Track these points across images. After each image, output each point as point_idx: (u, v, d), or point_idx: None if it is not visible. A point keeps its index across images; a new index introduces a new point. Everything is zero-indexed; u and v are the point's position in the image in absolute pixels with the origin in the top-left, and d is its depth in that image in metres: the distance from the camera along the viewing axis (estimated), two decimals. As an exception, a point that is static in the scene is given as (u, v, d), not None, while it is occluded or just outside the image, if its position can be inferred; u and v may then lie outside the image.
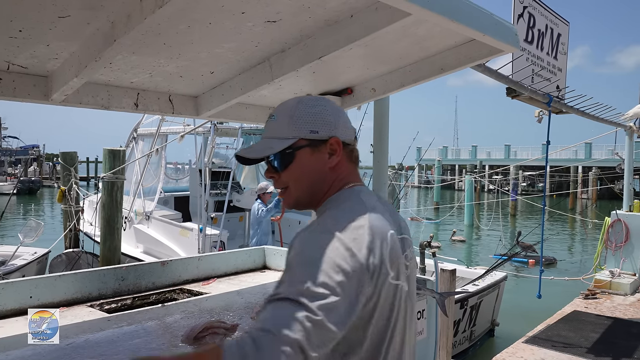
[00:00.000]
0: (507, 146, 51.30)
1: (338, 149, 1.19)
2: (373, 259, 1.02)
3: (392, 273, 1.07)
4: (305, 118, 1.19)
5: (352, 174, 1.24)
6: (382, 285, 1.04)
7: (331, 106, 1.24)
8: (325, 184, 1.21)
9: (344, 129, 1.23)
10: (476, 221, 21.46)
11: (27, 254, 7.59)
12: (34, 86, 2.17)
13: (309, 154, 1.19)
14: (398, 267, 1.11)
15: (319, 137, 1.18)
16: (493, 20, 1.98)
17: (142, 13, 1.51)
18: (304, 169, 1.19)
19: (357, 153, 1.28)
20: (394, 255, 1.09)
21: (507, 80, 4.35)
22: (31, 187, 38.43)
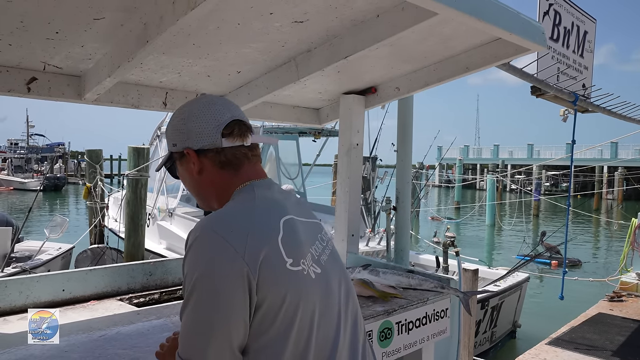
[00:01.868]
0: (530, 145, 50.51)
1: (194, 158, 1.17)
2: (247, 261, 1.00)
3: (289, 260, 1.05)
4: (169, 131, 1.22)
5: (233, 178, 1.18)
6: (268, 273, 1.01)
7: (188, 111, 1.20)
8: (206, 191, 1.22)
9: (197, 135, 1.16)
10: (498, 221, 21.20)
11: (52, 249, 7.79)
12: (68, 86, 2.24)
13: (180, 166, 1.22)
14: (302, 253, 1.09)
15: (177, 149, 1.20)
16: (520, 19, 1.97)
17: (175, 14, 1.55)
18: (184, 180, 1.24)
19: (229, 156, 1.17)
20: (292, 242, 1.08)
21: (532, 79, 4.30)
22: (57, 184, 39.29)
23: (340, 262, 1.25)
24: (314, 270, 1.09)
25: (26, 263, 6.71)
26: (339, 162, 3.09)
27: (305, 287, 1.06)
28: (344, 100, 3.01)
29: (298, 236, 1.10)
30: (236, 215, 1.07)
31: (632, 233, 7.99)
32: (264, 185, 1.18)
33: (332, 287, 1.15)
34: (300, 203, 1.25)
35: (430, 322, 2.41)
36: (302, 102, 3.21)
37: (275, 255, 1.02)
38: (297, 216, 1.15)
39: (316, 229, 1.21)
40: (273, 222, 1.07)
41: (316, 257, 1.12)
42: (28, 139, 57.24)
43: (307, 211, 1.23)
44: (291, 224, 1.10)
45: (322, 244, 1.19)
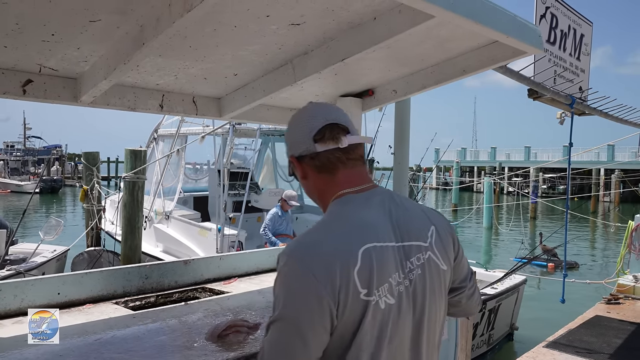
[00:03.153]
0: (527, 148, 50.62)
1: (296, 165, 1.24)
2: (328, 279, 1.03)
3: (363, 290, 1.05)
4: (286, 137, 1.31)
5: (331, 183, 1.21)
6: (345, 304, 1.04)
7: (290, 122, 1.28)
8: (315, 195, 1.28)
9: (294, 143, 1.24)
10: (495, 224, 21.23)
11: (47, 251, 7.76)
12: (64, 88, 2.22)
13: (294, 172, 1.28)
14: (378, 283, 1.08)
15: (288, 157, 1.28)
16: (517, 22, 1.97)
17: (171, 17, 1.54)
18: (300, 182, 1.30)
19: (323, 160, 1.20)
20: (366, 273, 1.06)
21: (529, 81, 4.31)
22: (53, 186, 39.19)
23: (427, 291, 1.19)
24: (385, 301, 1.09)
25: (20, 265, 6.68)
26: (336, 164, 3.08)
27: (372, 315, 1.07)
28: (340, 102, 3.00)
29: (376, 266, 1.08)
30: (322, 242, 1.09)
31: (628, 235, 8.01)
32: (358, 201, 1.18)
33: (403, 319, 1.13)
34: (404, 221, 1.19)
35: (428, 325, 2.40)
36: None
37: (350, 285, 1.04)
38: (386, 241, 1.13)
39: (406, 253, 1.16)
40: (353, 251, 1.07)
41: (393, 287, 1.11)
42: (25, 141, 57.08)
43: (410, 230, 1.19)
44: (371, 253, 1.08)
45: (405, 271, 1.14)
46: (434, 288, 1.20)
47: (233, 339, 1.85)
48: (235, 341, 1.84)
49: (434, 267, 1.21)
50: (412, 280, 1.15)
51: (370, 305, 1.06)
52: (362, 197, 1.19)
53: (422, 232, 1.21)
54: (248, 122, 7.40)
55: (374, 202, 1.19)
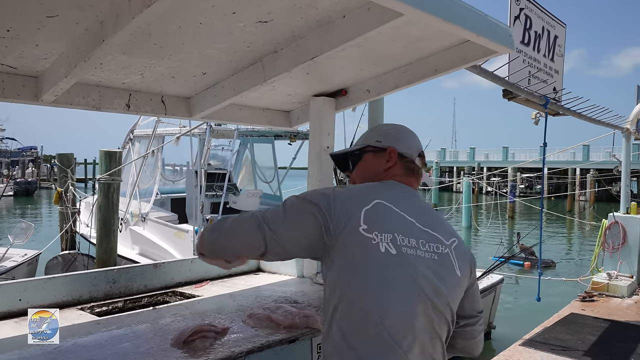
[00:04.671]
0: (505, 148, 51.29)
1: (393, 156, 1.45)
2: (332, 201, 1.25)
3: (364, 225, 1.23)
4: (376, 132, 1.54)
5: (402, 177, 1.45)
6: (344, 226, 1.22)
7: (399, 129, 1.54)
8: (376, 180, 1.46)
9: (405, 145, 1.48)
10: (474, 223, 21.45)
11: (17, 255, 7.55)
12: (24, 87, 2.15)
13: (372, 156, 1.49)
14: (382, 228, 1.24)
15: (381, 145, 1.48)
16: (487, 21, 1.96)
17: (131, 12, 1.49)
18: (366, 167, 1.50)
19: (415, 167, 1.48)
20: (374, 216, 1.25)
21: (504, 82, 4.33)
22: (28, 189, 38.31)
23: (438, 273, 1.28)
24: (386, 247, 1.22)
25: (-11, 270, 6.49)
26: (310, 165, 3.05)
27: (367, 252, 1.21)
28: (314, 102, 2.97)
29: (383, 217, 1.27)
30: (351, 186, 1.41)
31: (602, 234, 8.15)
32: (398, 186, 1.41)
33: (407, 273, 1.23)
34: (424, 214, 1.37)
35: (401, 326, 2.38)
36: (272, 104, 3.17)
37: (354, 217, 1.23)
38: (401, 210, 1.31)
39: (423, 235, 1.31)
40: (369, 199, 1.28)
41: (398, 242, 1.24)
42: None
43: (426, 220, 1.35)
44: (384, 208, 1.29)
45: (420, 246, 1.28)
46: (446, 282, 1.29)
47: (199, 345, 1.80)
48: (201, 347, 1.79)
49: (449, 265, 1.31)
50: (427, 258, 1.27)
51: (369, 243, 1.21)
52: (406, 188, 1.43)
53: (445, 234, 1.36)
54: (222, 123, 7.31)
55: (414, 194, 1.45)
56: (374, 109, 3.08)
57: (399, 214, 1.31)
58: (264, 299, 2.56)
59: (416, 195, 1.47)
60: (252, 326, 2.06)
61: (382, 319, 1.18)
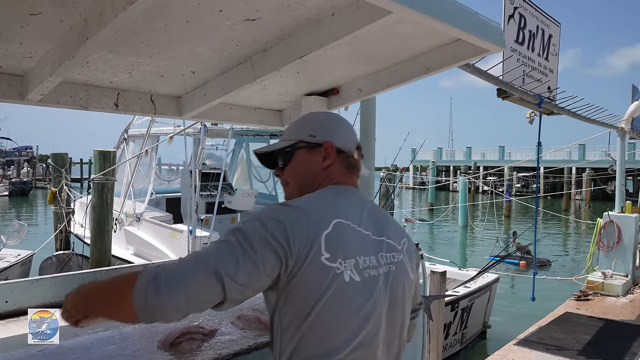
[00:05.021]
0: (502, 147, 51.46)
1: (331, 152, 1.32)
2: (290, 232, 1.10)
3: (326, 254, 1.11)
4: (309, 124, 1.39)
5: (344, 176, 1.34)
6: (305, 258, 1.09)
7: (336, 118, 1.42)
8: (316, 182, 1.33)
9: (343, 138, 1.36)
10: (470, 222, 21.49)
11: (11, 255, 7.51)
12: (9, 86, 2.11)
13: (305, 153, 1.35)
14: (345, 254, 1.14)
15: (316, 140, 1.34)
16: (478, 20, 1.94)
17: (114, 10, 1.46)
18: (300, 166, 1.36)
19: (355, 162, 1.37)
20: (336, 241, 1.14)
21: (497, 81, 4.33)
22: (23, 189, 38.21)
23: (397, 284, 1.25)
24: (350, 275, 1.14)
25: (-18, 271, 6.45)
26: (302, 164, 3.03)
27: (332, 283, 1.11)
28: (305, 101, 2.95)
29: (345, 240, 1.17)
30: (304, 203, 1.20)
31: (597, 233, 8.16)
32: (346, 190, 1.31)
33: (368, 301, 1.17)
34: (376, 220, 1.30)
35: (392, 327, 2.36)
36: (264, 103, 3.14)
37: (315, 246, 1.11)
38: (359, 226, 1.22)
39: (381, 246, 1.25)
40: (327, 219, 1.16)
41: (360, 267, 1.17)
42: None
43: (380, 228, 1.28)
44: (344, 228, 1.18)
45: (378, 261, 1.22)
46: (404, 290, 1.28)
47: (186, 347, 1.78)
48: (188, 349, 1.77)
49: (404, 272, 1.29)
50: (387, 273, 1.23)
51: (332, 273, 1.11)
52: (352, 190, 1.33)
53: (397, 237, 1.32)
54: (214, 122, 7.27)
55: (360, 197, 1.34)
56: (366, 108, 3.06)
57: (357, 231, 1.21)
58: (253, 300, 2.53)
59: (362, 196, 1.37)
60: (241, 327, 2.03)
61: (348, 356, 1.12)
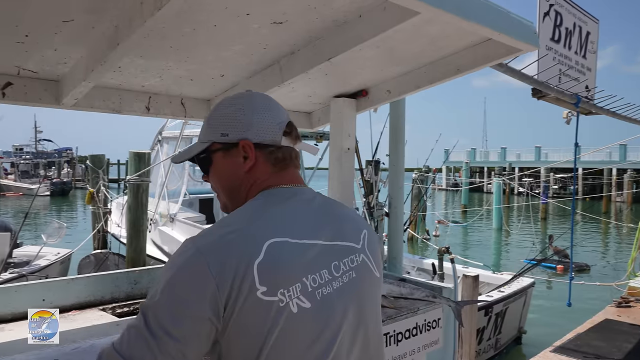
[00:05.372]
0: (538, 148, 50.19)
1: (250, 152, 1.11)
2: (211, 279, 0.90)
3: (262, 287, 0.91)
4: (218, 120, 1.16)
5: (275, 176, 1.13)
6: (235, 299, 0.90)
7: (248, 103, 1.15)
8: (243, 188, 1.14)
9: (260, 128, 1.12)
10: (505, 225, 21.01)
11: (51, 254, 7.78)
12: (45, 90, 2.18)
13: (222, 157, 1.15)
14: (287, 281, 0.95)
15: (229, 140, 1.13)
16: (509, 19, 1.90)
17: (142, 16, 1.49)
18: (221, 173, 1.17)
19: (285, 154, 1.14)
20: (272, 269, 0.94)
21: (532, 80, 4.21)
22: (63, 189, 39.59)
23: (359, 295, 1.09)
24: (298, 303, 0.95)
25: (23, 268, 6.70)
26: (330, 167, 3.02)
27: (277, 320, 0.93)
28: (334, 103, 2.94)
29: (285, 263, 0.96)
30: (226, 228, 0.99)
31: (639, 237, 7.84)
32: (284, 194, 1.11)
33: (323, 327, 0.99)
34: (329, 222, 1.11)
35: (421, 332, 2.33)
36: (293, 105, 3.15)
37: (247, 280, 0.91)
38: (302, 238, 1.02)
39: (336, 254, 1.07)
40: (256, 243, 0.95)
41: (310, 289, 0.98)
42: (36, 144, 57.73)
43: (334, 231, 1.09)
44: (282, 248, 0.97)
45: (332, 274, 1.03)
46: (371, 296, 1.13)
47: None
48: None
49: (368, 273, 1.13)
50: (346, 282, 1.06)
51: (275, 308, 0.92)
52: (292, 191, 1.13)
53: (355, 234, 1.14)
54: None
55: (302, 198, 1.12)
56: (395, 109, 3.03)
57: (300, 245, 1.00)
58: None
59: (305, 192, 1.15)
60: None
61: None
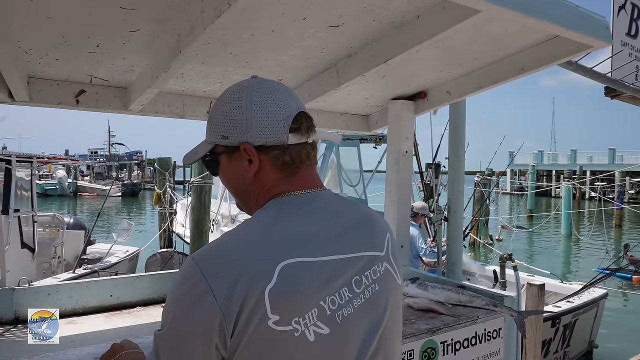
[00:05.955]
0: (612, 150, 47.24)
1: (253, 156, 0.98)
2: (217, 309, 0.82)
3: (274, 317, 0.82)
4: (217, 120, 1.02)
5: (284, 182, 1.00)
6: (244, 329, 0.82)
7: (247, 98, 0.98)
8: (252, 194, 1.03)
9: (261, 128, 0.97)
10: (575, 231, 19.92)
11: (120, 252, 8.22)
12: (115, 97, 2.30)
13: (227, 161, 1.03)
14: (302, 308, 0.85)
15: (229, 143, 1.00)
16: (578, 13, 1.79)
17: (203, 23, 1.53)
18: (227, 176, 1.06)
19: (294, 156, 0.99)
20: (285, 295, 0.84)
21: (605, 78, 3.96)
22: (134, 190, 41.76)
23: (383, 308, 0.99)
24: (315, 331, 0.86)
25: (95, 265, 7.11)
26: (388, 170, 2.98)
27: (290, 352, 0.84)
28: (392, 106, 2.90)
29: (301, 287, 0.86)
30: (234, 249, 0.88)
31: None
32: (298, 203, 0.99)
33: (343, 353, 0.90)
34: (351, 231, 0.99)
35: (481, 342, 2.24)
36: (350, 108, 3.14)
37: (257, 309, 0.82)
38: (321, 255, 0.91)
39: (357, 266, 0.96)
40: (268, 267, 0.85)
41: (328, 313, 0.88)
42: (110, 148, 61.31)
43: (357, 241, 0.98)
44: (297, 269, 0.86)
45: (353, 291, 0.93)
46: (393, 308, 1.01)
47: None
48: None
49: (391, 282, 1.02)
50: (368, 298, 0.95)
51: (288, 338, 0.83)
52: (306, 198, 0.99)
53: (379, 240, 1.03)
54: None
55: (317, 206, 0.99)
56: (455, 112, 2.95)
57: (318, 264, 0.89)
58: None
59: (322, 197, 1.01)
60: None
61: None
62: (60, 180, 39.40)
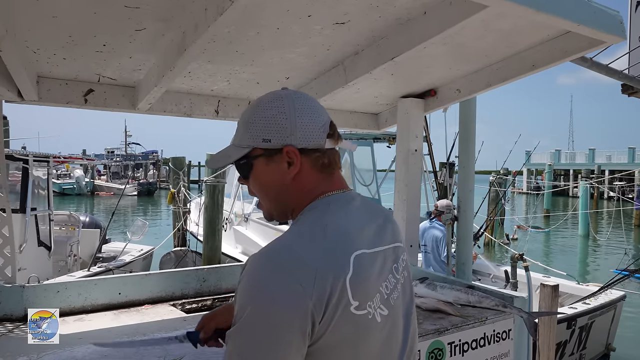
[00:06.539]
0: (632, 149, 46.35)
1: (295, 158, 1.04)
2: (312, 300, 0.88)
3: (355, 302, 0.92)
4: (259, 124, 1.06)
5: (324, 182, 1.08)
6: (332, 317, 0.89)
7: (290, 105, 1.06)
8: (290, 196, 1.09)
9: (305, 133, 1.04)
10: (593, 231, 19.60)
11: (135, 250, 8.29)
12: (123, 96, 2.32)
13: (265, 164, 1.07)
14: (371, 292, 0.97)
15: (272, 146, 1.05)
16: (590, 8, 1.75)
17: (207, 21, 1.53)
18: (263, 180, 1.09)
19: (330, 159, 1.08)
20: (360, 283, 0.94)
21: (621, 75, 3.88)
22: (149, 189, 42.20)
23: (409, 292, 1.14)
24: (380, 313, 0.99)
25: (110, 263, 7.19)
26: (397, 169, 2.96)
27: (367, 332, 0.96)
28: (401, 104, 2.88)
29: (368, 275, 0.98)
30: (305, 246, 0.95)
31: None
32: (341, 202, 1.07)
33: (397, 331, 1.06)
34: (382, 225, 1.11)
35: (490, 343, 2.21)
36: (360, 107, 3.12)
37: (342, 297, 0.91)
38: (372, 247, 1.03)
39: (393, 256, 1.09)
40: (343, 258, 0.94)
41: (385, 297, 1.02)
42: (126, 148, 62.04)
43: (388, 233, 1.11)
44: (363, 260, 0.97)
45: (395, 277, 1.07)
46: (412, 292, 1.17)
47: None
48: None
49: (408, 268, 1.18)
50: (403, 283, 1.10)
51: (365, 320, 0.94)
52: (345, 197, 1.09)
53: (398, 232, 1.17)
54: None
55: (356, 204, 1.09)
56: (465, 109, 2.91)
57: (374, 254, 1.02)
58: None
59: (354, 196, 1.12)
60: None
61: None
62: (78, 180, 39.94)
